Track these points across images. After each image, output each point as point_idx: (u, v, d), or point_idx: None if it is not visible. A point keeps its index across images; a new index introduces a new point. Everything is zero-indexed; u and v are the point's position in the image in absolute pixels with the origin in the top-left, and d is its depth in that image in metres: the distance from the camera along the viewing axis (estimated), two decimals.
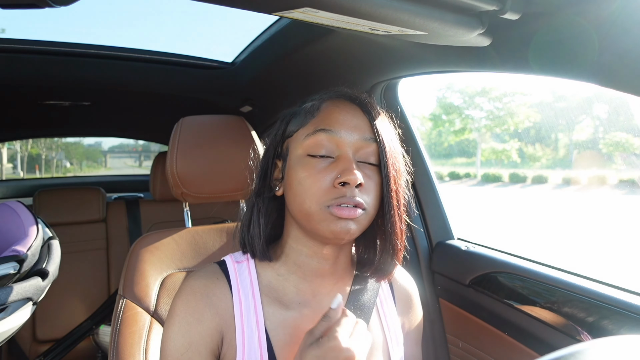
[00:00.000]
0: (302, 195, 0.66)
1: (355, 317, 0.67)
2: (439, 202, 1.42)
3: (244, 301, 0.71)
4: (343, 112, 0.70)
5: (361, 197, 0.66)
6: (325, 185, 0.65)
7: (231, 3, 0.63)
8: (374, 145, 0.69)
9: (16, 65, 1.56)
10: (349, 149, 0.67)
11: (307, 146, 0.68)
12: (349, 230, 0.65)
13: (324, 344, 0.60)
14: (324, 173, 0.66)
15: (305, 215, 0.67)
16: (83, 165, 34.44)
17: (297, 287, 0.73)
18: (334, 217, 0.64)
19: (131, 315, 1.00)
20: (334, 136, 0.67)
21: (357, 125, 0.69)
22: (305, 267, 0.72)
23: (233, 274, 0.73)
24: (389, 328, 0.77)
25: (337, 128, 0.68)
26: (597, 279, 0.96)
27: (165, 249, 1.12)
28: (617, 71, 0.69)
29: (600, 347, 0.42)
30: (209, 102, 2.07)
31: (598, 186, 10.99)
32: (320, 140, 0.67)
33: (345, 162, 0.66)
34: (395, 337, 0.78)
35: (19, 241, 0.85)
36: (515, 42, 0.80)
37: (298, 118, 0.73)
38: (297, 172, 0.68)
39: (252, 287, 0.72)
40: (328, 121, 0.68)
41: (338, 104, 0.71)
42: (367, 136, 0.68)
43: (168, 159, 1.14)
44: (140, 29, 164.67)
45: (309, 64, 1.40)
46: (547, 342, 0.99)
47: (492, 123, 18.61)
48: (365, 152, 0.69)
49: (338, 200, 0.64)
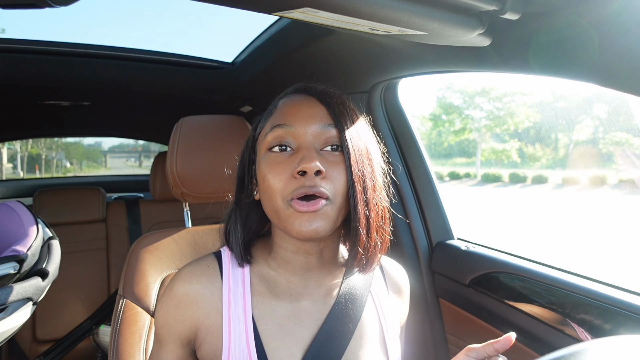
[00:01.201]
0: (267, 192, 0.67)
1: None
2: (439, 202, 1.42)
3: (233, 289, 0.71)
4: (297, 104, 0.70)
5: (324, 185, 0.64)
6: (285, 177, 0.65)
7: (231, 3, 0.63)
8: (334, 131, 0.67)
9: (16, 65, 1.56)
10: (307, 139, 0.67)
11: (267, 143, 0.69)
12: (316, 230, 0.63)
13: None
14: (284, 165, 0.65)
15: (274, 214, 0.67)
16: (83, 165, 34.44)
17: (288, 279, 0.74)
18: (297, 212, 0.63)
19: (131, 315, 1.00)
20: (289, 129, 0.67)
21: (313, 114, 0.68)
22: (293, 262, 0.73)
23: (226, 262, 0.74)
24: (385, 317, 0.78)
25: (291, 121, 0.68)
26: (597, 279, 0.96)
27: (165, 249, 1.12)
28: (617, 71, 0.69)
29: (600, 347, 0.42)
30: (209, 102, 2.07)
31: (598, 186, 10.99)
32: (277, 135, 0.68)
33: (303, 151, 0.65)
34: (391, 327, 0.78)
35: (19, 241, 0.85)
36: (515, 42, 0.80)
37: (262, 120, 0.75)
38: (262, 170, 0.68)
39: (244, 275, 0.73)
40: (283, 117, 0.69)
41: (293, 97, 0.72)
42: (325, 123, 0.68)
43: (168, 159, 1.14)
44: (140, 29, 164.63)
45: (309, 64, 1.40)
46: (547, 342, 0.99)
47: (492, 123, 18.61)
48: (325, 139, 0.67)
49: (298, 192, 0.63)
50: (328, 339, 0.69)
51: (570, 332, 0.94)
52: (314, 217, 0.63)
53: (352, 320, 0.72)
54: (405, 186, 1.42)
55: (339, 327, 0.70)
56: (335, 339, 0.69)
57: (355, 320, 0.72)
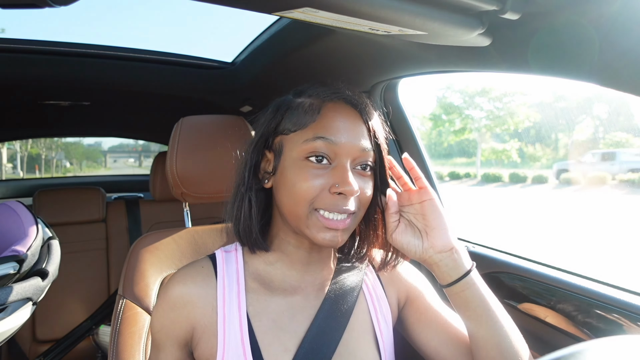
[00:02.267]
0: (294, 198, 0.66)
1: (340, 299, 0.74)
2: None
3: (228, 288, 0.72)
4: (344, 119, 0.68)
5: (353, 203, 0.67)
6: (318, 190, 0.66)
7: (231, 3, 0.63)
8: (372, 154, 0.70)
9: (16, 65, 1.56)
10: (346, 158, 0.67)
11: (305, 151, 0.67)
12: (337, 242, 0.67)
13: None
14: (320, 179, 0.66)
15: (295, 218, 0.68)
16: (83, 165, 34.43)
17: (284, 274, 0.74)
18: (321, 224, 0.66)
19: (131, 315, 1.00)
20: (333, 145, 0.66)
21: (357, 134, 0.68)
22: (293, 255, 0.74)
23: (220, 263, 0.75)
24: (375, 309, 0.78)
25: (337, 138, 0.66)
26: (597, 279, 0.96)
27: (165, 249, 1.12)
28: (617, 71, 0.69)
29: (600, 347, 0.42)
30: (209, 102, 2.07)
31: (598, 186, 10.99)
32: (319, 147, 0.66)
33: (343, 171, 0.66)
34: (383, 318, 0.79)
35: (19, 241, 0.85)
36: (515, 42, 0.80)
37: (294, 116, 0.70)
38: (292, 175, 0.67)
39: (238, 274, 0.74)
40: (329, 129, 0.67)
41: (339, 109, 0.69)
42: (366, 147, 0.69)
43: (168, 159, 1.14)
44: (140, 29, 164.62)
45: (309, 64, 1.40)
46: (547, 342, 0.99)
47: (492, 123, 18.61)
48: (362, 160, 0.69)
49: (330, 208, 0.65)
50: (320, 333, 0.70)
51: (570, 332, 0.94)
52: (339, 233, 0.67)
53: (344, 314, 0.73)
54: None
55: (331, 320, 0.71)
56: (328, 333, 0.70)
57: (347, 314, 0.73)
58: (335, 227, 0.66)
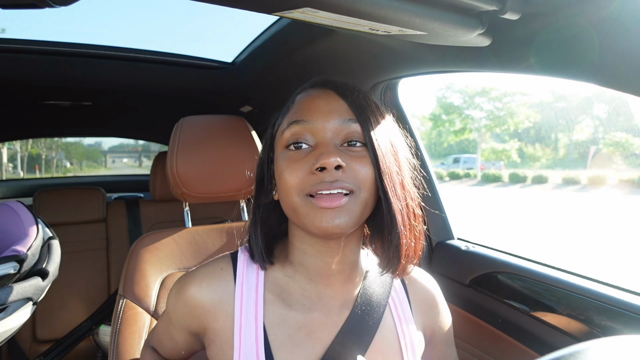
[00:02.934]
0: (284, 189, 0.64)
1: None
2: (439, 202, 1.42)
3: (246, 295, 0.69)
4: (315, 98, 0.67)
5: (346, 179, 0.61)
6: (302, 173, 0.62)
7: (231, 3, 0.63)
8: (357, 126, 0.64)
9: (16, 65, 1.56)
10: (326, 134, 0.64)
11: (284, 141, 0.66)
12: (337, 225, 0.60)
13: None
14: (302, 162, 0.63)
15: (292, 211, 0.64)
16: (83, 165, 34.43)
17: (303, 287, 0.70)
18: (317, 208, 0.61)
19: (131, 315, 1.00)
20: (307, 125, 0.64)
21: (332, 109, 0.65)
22: (311, 266, 0.69)
23: (240, 267, 0.72)
24: (403, 334, 0.73)
25: (309, 117, 0.64)
26: (597, 279, 0.96)
27: (165, 249, 1.12)
28: (617, 71, 0.69)
29: (600, 347, 0.42)
30: (209, 102, 2.07)
31: (598, 186, 11.00)
32: (294, 132, 0.65)
33: (322, 147, 0.62)
34: (410, 345, 0.73)
35: (19, 241, 0.85)
36: (515, 42, 0.80)
37: (279, 117, 0.71)
38: (278, 168, 0.66)
39: (257, 282, 0.71)
40: (300, 112, 0.66)
41: (310, 92, 0.69)
42: (345, 118, 0.64)
43: (168, 159, 1.14)
44: (140, 29, 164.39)
45: (309, 64, 1.40)
46: (547, 342, 0.99)
47: (492, 123, 18.60)
48: (346, 134, 0.64)
49: (317, 187, 0.60)
50: (340, 353, 0.66)
51: (570, 332, 0.94)
52: (338, 213, 0.60)
53: (367, 333, 0.69)
54: None
55: (353, 340, 0.67)
56: (348, 353, 0.66)
57: (371, 333, 0.69)
58: (329, 206, 0.60)
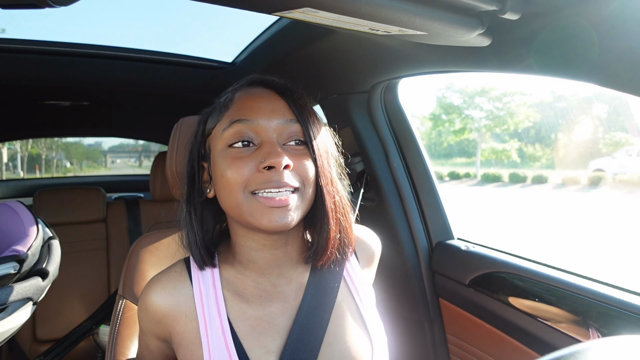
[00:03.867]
0: (227, 188, 0.64)
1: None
2: (439, 202, 1.42)
3: (205, 293, 0.70)
4: (258, 98, 0.68)
5: (291, 177, 0.63)
6: (248, 171, 0.63)
7: (231, 3, 0.63)
8: (297, 126, 0.67)
9: (16, 65, 1.56)
10: (271, 134, 0.65)
11: (226, 139, 0.66)
12: (286, 223, 0.63)
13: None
14: (247, 160, 0.64)
15: (235, 208, 0.65)
16: (83, 165, 34.43)
17: (257, 281, 0.72)
18: (265, 206, 0.62)
19: (131, 316, 1.00)
20: (251, 125, 0.65)
21: (275, 109, 0.67)
22: (259, 261, 0.71)
23: (195, 267, 0.73)
24: (357, 291, 0.76)
25: (253, 116, 0.65)
26: (597, 279, 0.96)
27: (165, 249, 1.12)
28: (617, 71, 0.69)
29: (600, 347, 0.42)
30: (209, 102, 2.06)
31: (598, 186, 11.01)
32: (238, 130, 0.65)
33: (268, 146, 0.63)
34: (365, 298, 0.77)
35: (19, 241, 0.85)
36: (515, 42, 0.80)
37: (214, 114, 0.71)
38: (220, 166, 0.66)
39: (214, 280, 0.72)
40: (243, 111, 0.66)
41: (251, 91, 0.69)
42: (287, 118, 0.66)
43: (168, 159, 1.14)
44: (140, 29, 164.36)
45: (309, 64, 1.40)
46: (547, 342, 0.99)
47: (492, 123, 18.59)
48: (289, 134, 0.66)
49: (264, 185, 0.62)
50: (304, 330, 0.68)
51: (570, 332, 0.94)
52: (287, 211, 0.63)
53: (326, 308, 0.71)
54: (405, 186, 1.42)
55: (313, 316, 0.70)
56: (312, 329, 0.69)
57: (330, 305, 0.72)
58: (279, 205, 0.62)
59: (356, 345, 0.71)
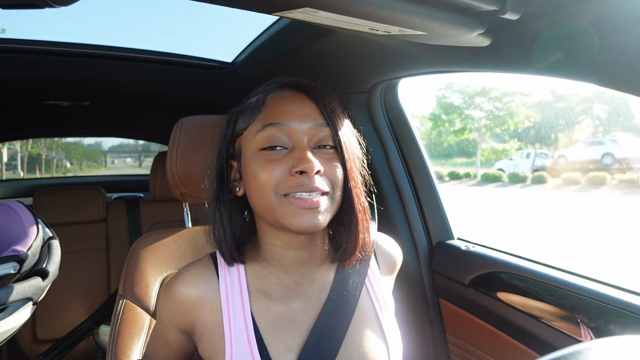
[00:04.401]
0: (259, 189, 0.66)
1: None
2: (439, 202, 1.42)
3: (230, 287, 0.72)
4: (290, 102, 0.69)
5: (322, 182, 0.66)
6: (281, 174, 0.65)
7: (231, 3, 0.63)
8: (327, 130, 0.69)
9: (16, 65, 1.56)
10: (302, 138, 0.67)
11: (258, 142, 0.68)
12: (317, 224, 0.65)
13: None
14: (279, 163, 0.66)
15: (268, 209, 0.67)
16: (83, 165, 34.43)
17: (280, 279, 0.74)
18: (297, 207, 0.64)
19: (131, 316, 1.00)
20: (284, 128, 0.67)
21: (306, 113, 0.68)
22: (284, 259, 0.73)
23: (221, 262, 0.75)
24: (377, 298, 0.78)
25: (286, 120, 0.67)
26: (597, 279, 0.96)
27: (165, 249, 1.12)
28: (617, 71, 0.69)
29: (600, 347, 0.42)
30: (209, 102, 2.07)
31: (598, 186, 11.01)
32: (270, 134, 0.67)
33: (300, 151, 0.65)
34: (384, 305, 0.79)
35: (19, 241, 0.85)
36: (515, 42, 0.80)
37: (245, 115, 0.72)
38: (252, 168, 0.68)
39: (239, 276, 0.74)
40: (276, 115, 0.68)
41: (283, 94, 0.71)
42: (318, 122, 0.68)
43: (168, 159, 1.14)
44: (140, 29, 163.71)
45: (309, 64, 1.40)
46: (547, 342, 0.99)
47: (492, 123, 18.58)
48: (319, 138, 0.68)
49: (296, 189, 0.64)
50: (325, 331, 0.70)
51: (570, 332, 0.94)
52: (316, 213, 0.65)
53: (347, 311, 0.73)
54: (405, 186, 1.42)
55: (335, 318, 0.72)
56: (333, 330, 0.71)
57: (350, 312, 0.73)
58: (310, 206, 0.64)
59: (374, 352, 0.73)
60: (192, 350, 0.79)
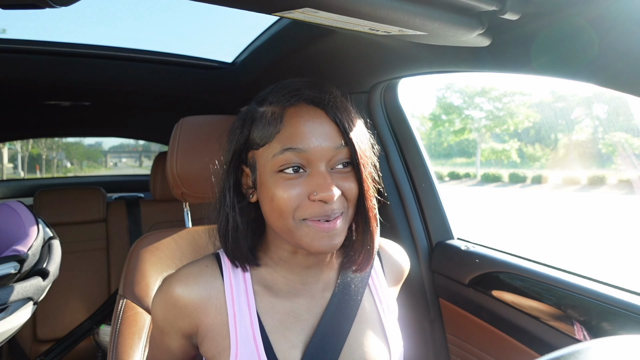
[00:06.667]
0: (277, 212, 0.66)
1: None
2: (439, 202, 1.42)
3: (235, 287, 0.73)
4: (309, 122, 0.66)
5: (339, 203, 0.66)
6: (298, 197, 0.65)
7: (231, 3, 0.63)
8: (346, 150, 0.67)
9: (16, 65, 1.56)
10: (321, 163, 0.65)
11: (276, 165, 0.66)
12: (335, 245, 0.66)
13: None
14: (297, 188, 0.65)
15: (286, 231, 0.67)
16: (83, 165, 34.45)
17: (286, 277, 0.75)
18: (316, 230, 0.65)
19: (131, 316, 1.01)
20: (303, 153, 0.64)
21: (326, 133, 0.66)
22: (291, 261, 0.74)
23: (226, 264, 0.75)
24: (380, 300, 0.80)
25: (305, 144, 0.64)
26: (597, 279, 0.96)
27: (165, 249, 1.12)
28: (617, 71, 0.69)
29: (600, 347, 0.42)
30: (209, 102, 2.07)
31: (597, 186, 11.01)
32: (288, 158, 0.65)
33: (319, 177, 0.64)
34: (387, 308, 0.80)
35: (20, 241, 0.85)
36: (515, 42, 0.80)
37: (260, 127, 0.68)
38: (269, 189, 0.66)
39: (244, 276, 0.74)
40: (295, 138, 0.65)
41: (301, 113, 0.67)
42: (337, 144, 0.66)
43: (168, 159, 1.14)
44: (140, 29, 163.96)
45: (309, 64, 1.40)
46: (547, 342, 0.99)
47: (491, 123, 18.59)
48: (338, 159, 0.67)
49: (315, 215, 0.64)
50: (329, 330, 0.71)
51: (570, 332, 0.94)
52: (334, 235, 0.66)
53: (351, 311, 0.74)
54: (405, 186, 1.42)
55: (339, 317, 0.73)
56: (336, 330, 0.72)
57: (354, 311, 0.74)
58: (328, 230, 0.65)
59: (375, 352, 0.74)
60: (194, 353, 0.79)
